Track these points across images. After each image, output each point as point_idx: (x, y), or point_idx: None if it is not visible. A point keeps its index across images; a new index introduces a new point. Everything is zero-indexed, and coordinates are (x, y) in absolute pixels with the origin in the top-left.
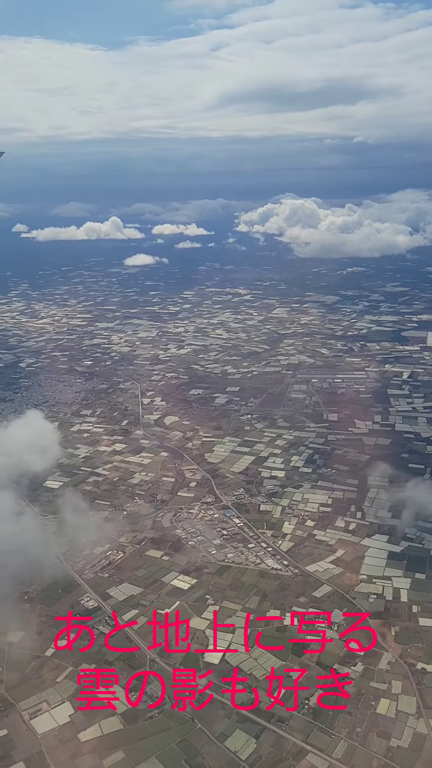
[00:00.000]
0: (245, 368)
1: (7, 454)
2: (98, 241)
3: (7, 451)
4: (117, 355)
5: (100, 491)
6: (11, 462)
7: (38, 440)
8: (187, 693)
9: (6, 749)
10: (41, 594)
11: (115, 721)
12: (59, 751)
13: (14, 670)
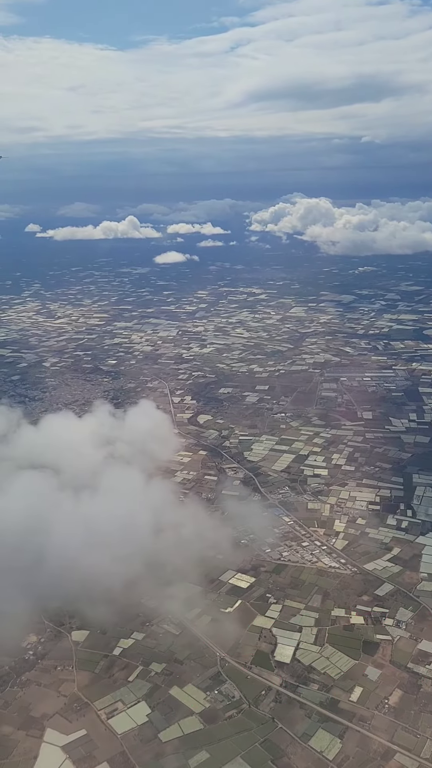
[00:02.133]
0: (272, 367)
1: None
2: (116, 240)
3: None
4: (140, 354)
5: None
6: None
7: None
8: (263, 692)
9: (88, 749)
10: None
11: (194, 720)
12: (142, 751)
13: (84, 669)
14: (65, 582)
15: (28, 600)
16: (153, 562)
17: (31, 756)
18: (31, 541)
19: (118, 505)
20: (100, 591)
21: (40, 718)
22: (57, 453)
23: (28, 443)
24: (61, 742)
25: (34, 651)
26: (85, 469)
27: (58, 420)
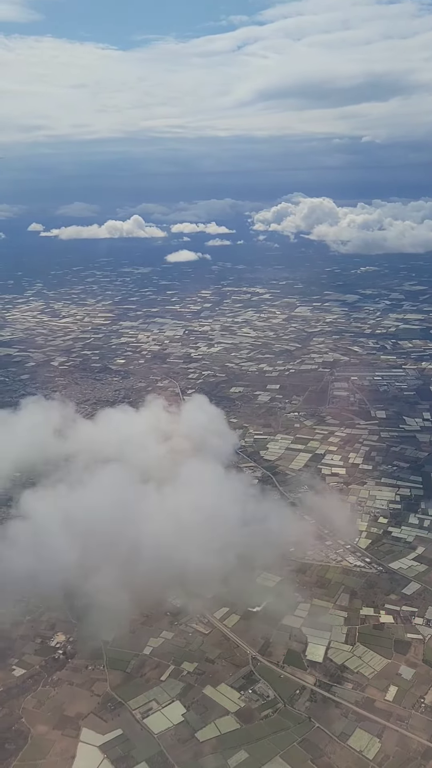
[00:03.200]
0: (281, 366)
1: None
2: (121, 239)
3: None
4: (148, 354)
5: None
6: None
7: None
8: (297, 691)
9: (125, 749)
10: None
11: (231, 720)
12: (180, 751)
13: (115, 669)
14: (162, 575)
15: (128, 593)
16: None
17: (68, 756)
18: (124, 535)
19: (201, 497)
20: (198, 584)
21: (74, 717)
22: (120, 447)
23: (87, 438)
24: (98, 741)
25: (64, 650)
26: (152, 462)
27: (112, 414)
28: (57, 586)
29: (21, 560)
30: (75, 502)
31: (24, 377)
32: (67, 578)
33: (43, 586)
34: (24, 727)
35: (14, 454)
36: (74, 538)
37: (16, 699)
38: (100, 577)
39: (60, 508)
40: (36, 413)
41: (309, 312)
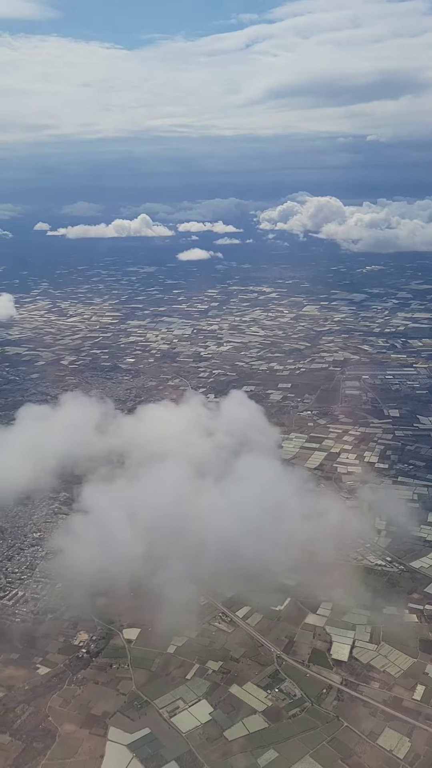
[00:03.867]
0: (291, 365)
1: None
2: (128, 238)
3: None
4: (158, 353)
5: None
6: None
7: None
8: (324, 690)
9: (154, 748)
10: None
11: (258, 719)
12: (209, 750)
13: (140, 667)
14: (229, 570)
15: (197, 587)
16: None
17: (97, 755)
18: (188, 529)
19: (260, 492)
20: (268, 579)
21: (101, 716)
22: (163, 442)
23: (129, 433)
24: (126, 740)
25: (87, 649)
26: (201, 458)
27: (152, 410)
28: (125, 580)
29: (88, 555)
30: (136, 497)
31: (34, 376)
32: (135, 572)
33: (111, 579)
34: (51, 726)
35: (56, 449)
36: (139, 532)
37: (42, 697)
38: (168, 571)
39: (121, 503)
40: (74, 409)
41: (317, 311)
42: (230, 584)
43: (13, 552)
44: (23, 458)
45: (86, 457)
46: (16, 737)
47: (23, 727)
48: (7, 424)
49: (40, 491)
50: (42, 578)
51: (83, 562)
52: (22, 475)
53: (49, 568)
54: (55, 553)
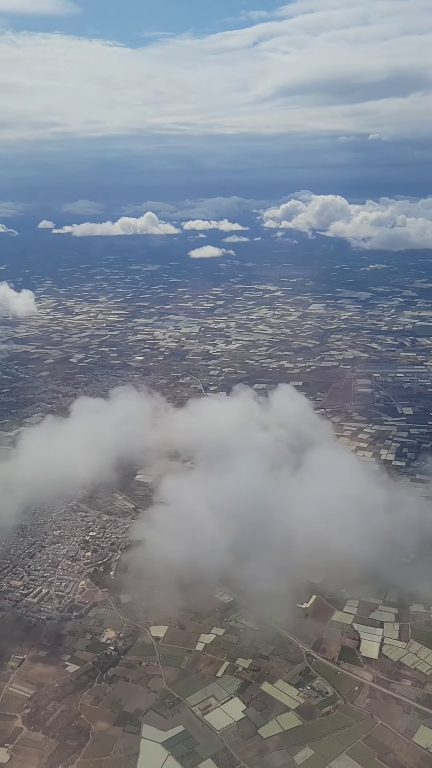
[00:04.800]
0: (301, 363)
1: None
2: (135, 236)
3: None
4: (166, 351)
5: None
6: None
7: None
8: (355, 688)
9: (189, 746)
10: (171, 588)
11: (292, 717)
12: (244, 748)
13: (169, 665)
14: (318, 562)
15: (287, 579)
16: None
17: (132, 752)
18: (272, 521)
19: (337, 484)
20: (358, 572)
21: (134, 713)
22: (222, 435)
23: (185, 427)
24: (160, 738)
25: (115, 646)
26: (263, 450)
27: (203, 404)
28: (214, 572)
29: (176, 546)
30: (215, 489)
31: (44, 374)
32: (223, 564)
33: (199, 571)
34: (84, 724)
35: (113, 443)
36: (223, 524)
37: (73, 695)
38: (256, 563)
39: (201, 494)
40: (125, 403)
41: (323, 309)
42: (318, 577)
43: (35, 549)
44: (84, 452)
45: (142, 449)
46: (50, 735)
47: (56, 724)
48: (19, 421)
49: (104, 485)
50: (65, 576)
51: (169, 554)
52: (85, 469)
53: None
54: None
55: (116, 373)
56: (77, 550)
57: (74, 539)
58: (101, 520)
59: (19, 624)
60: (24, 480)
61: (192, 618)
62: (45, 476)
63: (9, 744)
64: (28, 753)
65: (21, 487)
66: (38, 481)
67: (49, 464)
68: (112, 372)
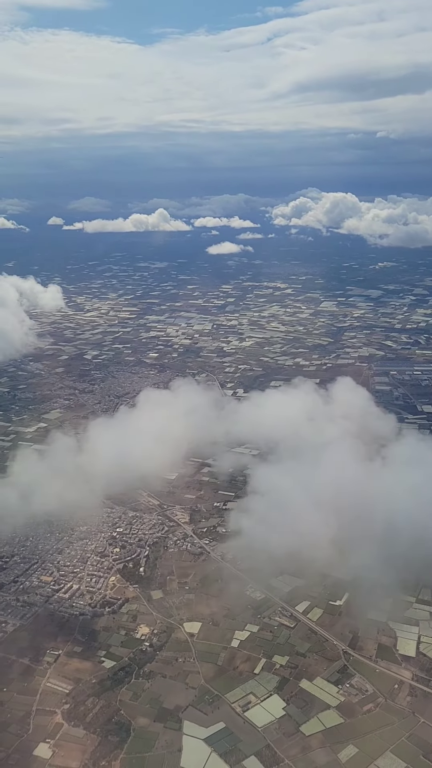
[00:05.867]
0: (317, 361)
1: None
2: (147, 233)
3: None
4: (180, 348)
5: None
6: None
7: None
8: (395, 686)
9: (231, 742)
10: (201, 585)
11: (333, 714)
12: (287, 745)
13: (206, 661)
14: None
15: (393, 571)
16: None
17: (174, 749)
18: (371, 512)
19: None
20: None
21: (173, 710)
22: (293, 427)
23: (252, 419)
24: (202, 735)
25: (150, 642)
26: (339, 440)
27: (263, 397)
28: (320, 563)
29: (277, 537)
30: (309, 479)
31: (59, 370)
32: (327, 555)
33: (302, 562)
34: (124, 719)
35: (183, 435)
36: (321, 515)
37: (111, 691)
38: (360, 554)
39: (295, 484)
40: (191, 396)
41: (335, 307)
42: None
43: (63, 545)
44: (157, 444)
45: (209, 441)
46: (91, 731)
47: (96, 720)
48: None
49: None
50: (96, 572)
51: (269, 544)
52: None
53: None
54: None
55: (131, 369)
56: (105, 546)
57: (101, 535)
58: (127, 516)
59: (52, 619)
60: (102, 472)
61: (225, 615)
62: (118, 469)
63: (50, 739)
64: (71, 749)
65: (99, 479)
66: (112, 473)
67: (121, 457)
68: (127, 369)
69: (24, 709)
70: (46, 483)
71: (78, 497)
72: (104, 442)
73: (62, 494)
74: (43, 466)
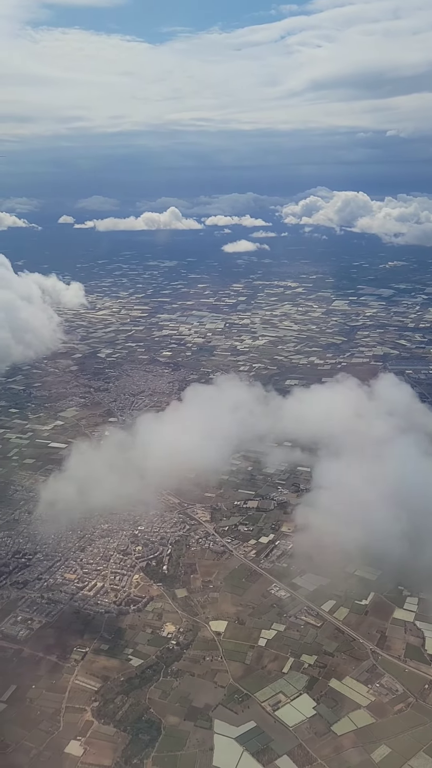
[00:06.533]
0: (332, 359)
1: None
2: (158, 231)
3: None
4: (194, 346)
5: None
6: None
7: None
8: (426, 686)
9: (263, 741)
10: (225, 583)
11: (364, 714)
12: (319, 745)
13: (233, 660)
14: None
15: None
16: None
17: (206, 747)
18: None
19: None
20: None
21: (203, 708)
22: (339, 424)
23: (296, 416)
24: (233, 734)
25: (177, 640)
26: (389, 436)
27: (307, 393)
28: (394, 557)
29: (348, 531)
30: (373, 474)
31: (74, 368)
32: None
33: (374, 557)
34: (154, 718)
35: (230, 431)
36: (392, 510)
37: (140, 689)
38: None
39: (360, 479)
40: (231, 391)
41: (347, 306)
42: None
43: (84, 543)
44: (207, 440)
45: (255, 437)
46: (121, 728)
47: (126, 718)
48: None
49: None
50: (119, 570)
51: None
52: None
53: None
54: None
55: (145, 368)
56: (127, 544)
57: (123, 533)
58: (148, 515)
59: (77, 617)
60: (155, 467)
61: (250, 614)
62: (166, 464)
63: (81, 737)
64: (102, 746)
65: (154, 475)
66: (162, 468)
67: (172, 452)
68: (141, 367)
69: (53, 706)
70: (103, 479)
71: (134, 491)
72: (156, 438)
73: (118, 489)
74: (97, 462)
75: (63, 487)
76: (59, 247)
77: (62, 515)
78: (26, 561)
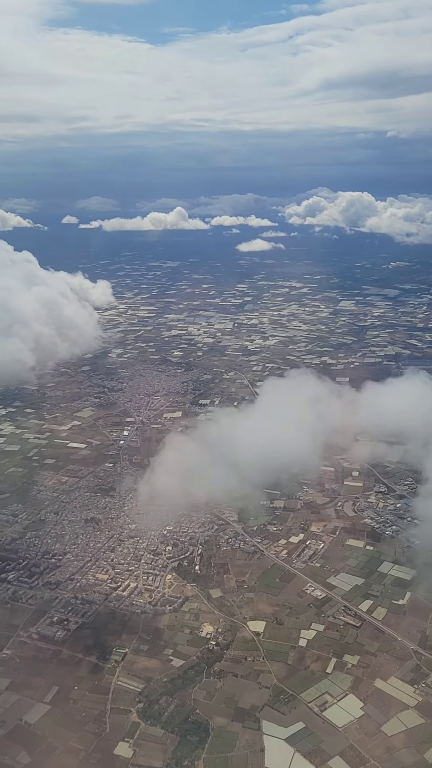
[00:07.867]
0: (344, 359)
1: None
2: (166, 232)
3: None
4: (204, 346)
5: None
6: None
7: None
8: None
9: (313, 742)
10: (259, 583)
11: (413, 714)
12: (371, 746)
13: (275, 660)
14: None
15: None
16: None
17: (256, 749)
18: None
19: None
20: None
21: (250, 709)
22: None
23: (380, 410)
24: (283, 735)
25: (216, 641)
26: None
27: (375, 388)
28: None
29: None
30: None
31: (85, 368)
32: None
33: None
34: (201, 719)
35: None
36: None
37: (184, 690)
38: None
39: None
40: (306, 387)
41: (354, 306)
42: None
43: (113, 543)
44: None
45: (334, 431)
46: (169, 730)
47: (172, 719)
48: (71, 415)
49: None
50: (151, 570)
51: None
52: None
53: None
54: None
55: (158, 368)
56: (157, 544)
57: (151, 533)
58: (176, 515)
59: (113, 618)
60: (246, 462)
61: (288, 614)
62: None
63: (129, 738)
64: (151, 748)
65: (247, 468)
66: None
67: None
68: (153, 367)
69: (98, 707)
70: (204, 473)
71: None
72: (243, 433)
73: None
74: (192, 456)
75: (165, 481)
76: (61, 247)
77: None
78: (56, 561)
